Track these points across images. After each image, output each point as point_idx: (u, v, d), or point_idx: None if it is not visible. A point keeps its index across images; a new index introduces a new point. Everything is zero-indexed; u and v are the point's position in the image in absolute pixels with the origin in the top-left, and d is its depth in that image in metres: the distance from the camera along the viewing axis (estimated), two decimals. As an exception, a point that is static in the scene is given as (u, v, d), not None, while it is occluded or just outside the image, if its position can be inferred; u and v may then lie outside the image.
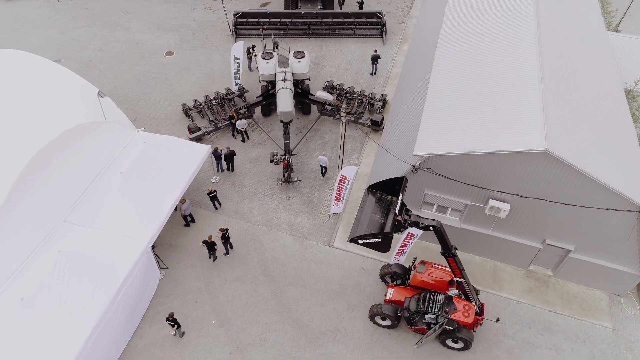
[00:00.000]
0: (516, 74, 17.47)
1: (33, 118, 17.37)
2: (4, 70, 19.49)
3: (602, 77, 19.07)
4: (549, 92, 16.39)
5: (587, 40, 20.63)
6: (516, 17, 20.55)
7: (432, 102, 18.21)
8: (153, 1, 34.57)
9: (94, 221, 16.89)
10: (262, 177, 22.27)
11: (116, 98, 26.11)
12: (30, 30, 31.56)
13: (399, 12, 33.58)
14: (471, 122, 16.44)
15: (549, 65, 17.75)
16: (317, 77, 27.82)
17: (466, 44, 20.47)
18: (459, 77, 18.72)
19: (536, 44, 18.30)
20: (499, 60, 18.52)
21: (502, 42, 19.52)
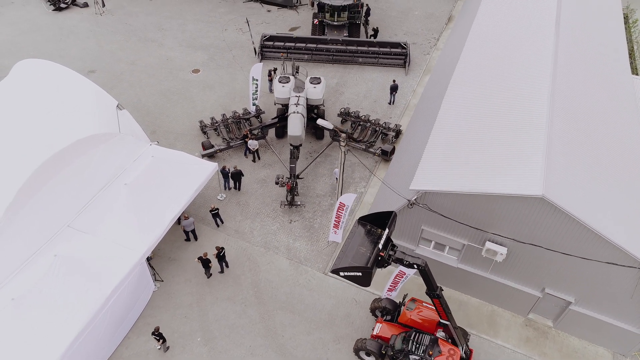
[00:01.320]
0: (525, 113, 17.09)
1: (49, 126, 18.29)
2: (29, 79, 20.71)
3: (620, 121, 18.36)
4: (556, 134, 15.91)
5: (607, 79, 19.99)
6: (534, 50, 20.23)
7: (437, 137, 18.04)
8: (188, 20, 36.03)
9: (95, 229, 17.49)
10: (267, 198, 22.48)
11: (139, 110, 27.28)
12: (72, 41, 33.44)
13: (425, 44, 33.62)
14: (472, 161, 16.16)
15: (561, 104, 17.28)
16: (335, 103, 28.09)
17: (478, 79, 20.27)
18: (467, 113, 18.49)
19: (550, 82, 17.87)
20: (510, 97, 18.21)
21: (515, 78, 19.22)
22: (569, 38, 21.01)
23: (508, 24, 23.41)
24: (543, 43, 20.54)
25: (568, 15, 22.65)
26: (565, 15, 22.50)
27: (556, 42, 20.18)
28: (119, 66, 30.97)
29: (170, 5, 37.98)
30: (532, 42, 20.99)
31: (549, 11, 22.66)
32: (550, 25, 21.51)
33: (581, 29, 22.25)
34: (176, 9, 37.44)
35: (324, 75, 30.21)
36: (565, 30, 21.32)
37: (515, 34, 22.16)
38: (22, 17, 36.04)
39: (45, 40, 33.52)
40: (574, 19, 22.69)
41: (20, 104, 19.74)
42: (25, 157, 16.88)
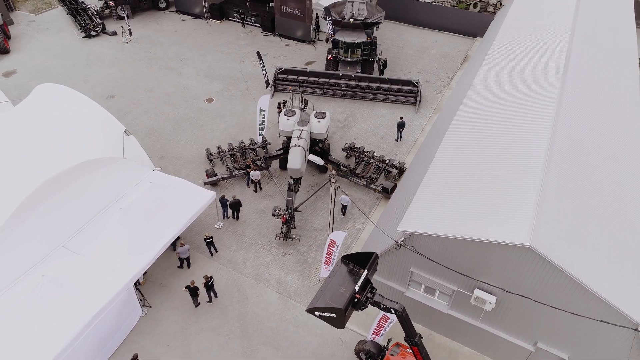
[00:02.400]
0: (521, 158, 16.75)
1: (55, 147, 18.98)
2: (44, 102, 21.66)
3: (624, 167, 17.73)
4: (551, 181, 15.47)
5: (616, 119, 19.45)
6: (538, 94, 20.02)
7: (431, 177, 17.83)
8: (209, 51, 37.31)
9: (87, 251, 17.78)
10: (264, 229, 22.48)
11: (151, 136, 28.07)
12: (97, 67, 35.00)
13: (438, 82, 33.70)
14: (462, 204, 15.84)
15: (561, 148, 16.87)
16: (342, 138, 28.24)
17: (478, 121, 20.10)
18: (463, 155, 18.27)
19: (551, 126, 17.53)
20: (508, 141, 17.92)
21: (516, 121, 18.97)
22: (576, 82, 20.71)
23: (515, 66, 23.34)
24: (549, 86, 20.32)
25: (578, 55, 22.44)
26: (575, 55, 22.29)
27: (562, 86, 19.93)
28: (137, 92, 32.12)
29: (194, 36, 39.52)
30: (538, 85, 20.78)
31: (559, 53, 22.52)
32: (558, 67, 21.33)
33: (591, 70, 21.94)
34: (199, 40, 38.91)
35: (335, 109, 30.66)
36: (574, 73, 21.06)
37: (521, 77, 22.03)
38: (55, 43, 38.09)
39: (73, 65, 35.21)
40: (584, 60, 22.44)
41: (32, 124, 20.64)
42: (27, 176, 17.49)
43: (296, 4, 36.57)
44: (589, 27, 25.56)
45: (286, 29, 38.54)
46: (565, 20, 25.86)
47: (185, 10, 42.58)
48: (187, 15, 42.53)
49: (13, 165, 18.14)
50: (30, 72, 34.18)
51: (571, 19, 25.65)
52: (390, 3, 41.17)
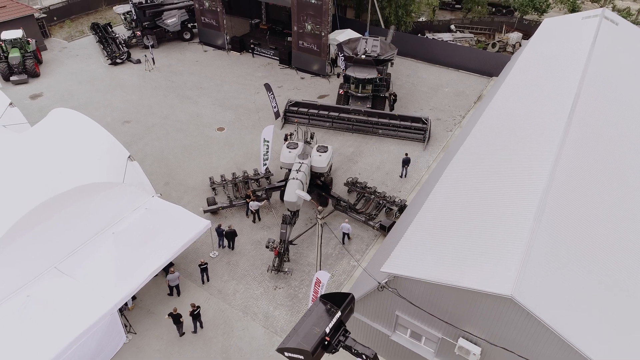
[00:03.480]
0: (514, 203, 16.25)
1: (58, 170, 19.58)
2: (56, 125, 22.54)
3: (630, 215, 16.90)
4: (546, 227, 14.85)
5: (621, 169, 18.69)
6: (541, 138, 19.52)
7: (422, 218, 17.48)
8: (226, 81, 38.35)
9: (77, 273, 18.01)
10: (258, 261, 22.34)
11: (159, 162, 28.69)
12: (118, 93, 36.38)
13: (450, 121, 33.50)
14: (450, 248, 15.38)
15: (559, 194, 16.26)
16: (347, 172, 28.17)
17: (476, 163, 19.75)
18: (457, 197, 17.90)
19: (550, 172, 16.98)
20: (504, 184, 17.46)
21: (515, 165, 18.52)
22: (582, 126, 20.15)
23: (521, 108, 23.05)
24: (553, 130, 19.87)
25: (586, 99, 21.94)
26: (584, 99, 21.81)
27: (566, 130, 19.45)
28: (152, 119, 33.09)
29: (214, 66, 40.79)
30: (542, 128, 20.37)
31: (567, 96, 22.10)
32: (564, 110, 20.89)
33: (599, 115, 21.36)
34: (218, 70, 40.11)
35: (342, 143, 30.77)
36: (580, 117, 20.55)
37: (525, 119, 21.68)
38: (82, 69, 39.94)
39: (96, 91, 36.71)
40: (593, 104, 21.91)
41: (41, 146, 21.46)
42: (26, 196, 18.03)
43: (313, 39, 37.43)
44: (601, 71, 25.09)
45: (302, 63, 39.35)
46: (577, 63, 25.53)
47: (207, 42, 44.15)
48: (210, 46, 44.05)
49: (15, 184, 18.77)
50: (55, 95, 35.80)
51: (584, 62, 25.29)
52: (408, 41, 41.71)
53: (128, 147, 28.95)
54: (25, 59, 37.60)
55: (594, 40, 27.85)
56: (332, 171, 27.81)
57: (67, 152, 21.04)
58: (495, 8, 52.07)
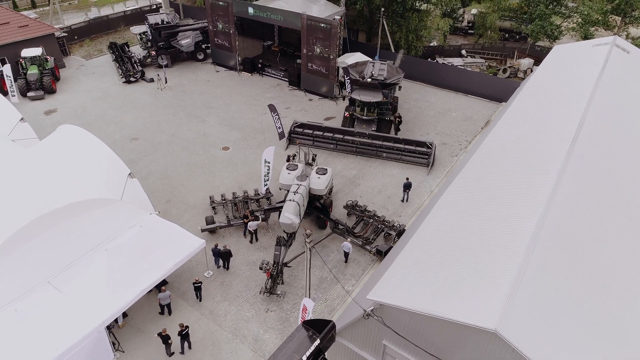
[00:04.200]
0: (509, 231, 15.86)
1: (57, 185, 19.95)
2: (60, 141, 23.09)
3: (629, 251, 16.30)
4: (538, 259, 14.39)
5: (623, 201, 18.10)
6: (541, 165, 19.14)
7: (414, 244, 17.18)
8: (235, 101, 38.90)
9: (69, 288, 18.10)
10: (252, 282, 22.18)
11: (163, 179, 29.01)
12: (129, 110, 37.16)
13: (455, 145, 33.21)
14: (438, 277, 15.02)
15: (555, 225, 15.79)
16: (347, 195, 28.02)
17: (474, 189, 19.43)
18: (450, 223, 17.57)
19: (547, 198, 16.57)
20: (499, 212, 17.09)
21: (512, 190, 18.15)
22: (584, 156, 19.70)
23: (522, 135, 22.72)
24: (553, 157, 19.47)
25: (591, 128, 21.49)
26: (588, 128, 21.36)
27: (567, 158, 19.03)
28: (160, 137, 33.63)
29: (224, 87, 41.47)
30: (542, 156, 20.00)
31: (571, 124, 21.69)
32: (567, 139, 20.49)
33: (603, 145, 20.87)
34: (228, 90, 40.76)
35: (345, 165, 30.71)
36: (582, 147, 20.10)
37: (526, 147, 21.34)
38: (97, 86, 41.03)
39: (109, 107, 37.58)
40: (597, 134, 21.44)
41: (44, 161, 21.94)
42: (23, 210, 18.36)
43: (321, 61, 37.83)
44: (609, 99, 24.64)
45: (311, 85, 39.72)
46: (584, 90, 25.15)
47: (220, 63, 45.01)
48: (222, 67, 44.88)
49: (14, 197, 19.15)
50: (69, 112, 36.75)
51: (591, 89, 24.91)
52: (417, 65, 41.85)
53: (134, 164, 29.67)
54: (42, 76, 38.82)
55: (603, 68, 27.47)
56: (332, 194, 27.72)
57: (68, 168, 21.46)
58: (508, 34, 52.06)
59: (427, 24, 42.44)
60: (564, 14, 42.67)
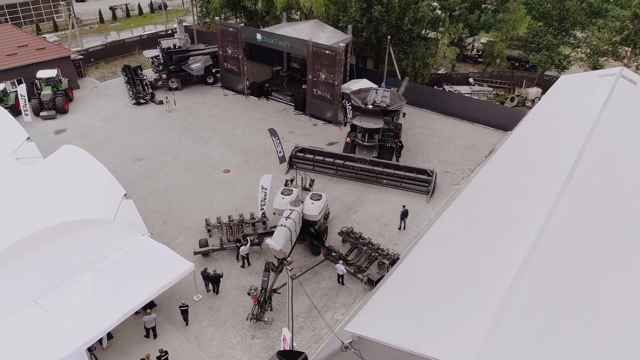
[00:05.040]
0: (495, 266, 15.42)
1: (51, 204, 20.23)
2: (60, 161, 23.57)
3: (621, 290, 15.64)
4: (522, 296, 13.90)
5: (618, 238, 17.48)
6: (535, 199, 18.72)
7: (399, 275, 16.82)
8: (240, 124, 39.34)
9: (53, 308, 18.11)
10: (241, 307, 21.91)
11: (162, 200, 29.22)
12: (136, 131, 37.84)
13: (458, 174, 32.84)
14: (418, 311, 14.62)
15: (543, 261, 15.30)
16: (344, 221, 27.78)
17: (463, 220, 19.08)
18: (436, 256, 17.19)
19: (537, 233, 16.12)
20: (486, 245, 16.68)
21: (503, 223, 17.76)
22: (579, 191, 19.23)
23: (522, 164, 22.40)
24: (547, 191, 19.05)
25: (588, 164, 21.01)
26: (585, 163, 20.89)
27: (561, 192, 18.58)
28: (163, 158, 34.06)
29: (231, 110, 42.05)
30: (536, 189, 19.59)
31: (568, 157, 21.28)
32: (563, 172, 20.06)
33: (600, 180, 20.36)
34: (234, 114, 41.30)
35: (344, 191, 30.56)
36: (578, 181, 19.64)
37: (522, 178, 20.96)
38: (108, 107, 42.02)
39: (117, 128, 38.35)
40: (594, 169, 20.94)
41: (42, 180, 22.38)
42: (14, 228, 18.61)
43: (326, 87, 38.18)
44: (611, 130, 24.17)
45: (316, 110, 40.02)
46: (586, 121, 24.73)
47: (229, 87, 45.78)
48: (230, 90, 45.61)
49: (6, 215, 19.45)
50: (78, 131, 37.60)
51: (593, 120, 24.48)
52: (423, 92, 41.91)
53: (135, 184, 30.04)
54: (56, 96, 39.98)
55: (608, 99, 27.05)
56: (329, 220, 27.52)
57: (64, 187, 21.81)
58: (518, 63, 51.92)
59: (433, 51, 42.60)
60: (573, 44, 42.44)
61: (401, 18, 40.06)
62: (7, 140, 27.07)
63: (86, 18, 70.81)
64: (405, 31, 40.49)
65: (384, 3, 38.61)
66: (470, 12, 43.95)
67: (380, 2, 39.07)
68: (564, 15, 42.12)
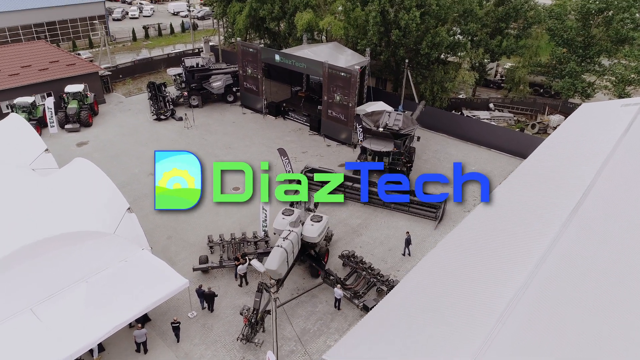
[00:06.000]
0: (482, 300, 14.81)
1: (52, 214, 20.80)
2: (70, 174, 24.31)
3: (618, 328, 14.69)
4: (506, 334, 13.28)
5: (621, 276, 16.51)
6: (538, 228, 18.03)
7: (387, 302, 16.35)
8: (255, 143, 39.76)
9: (47, 318, 18.43)
10: (233, 327, 21.72)
11: (169, 215, 29.53)
12: (154, 146, 38.57)
13: (470, 200, 32.03)
14: (401, 339, 14.13)
15: (535, 298, 14.62)
16: (348, 244, 27.41)
17: (462, 246, 18.49)
18: (428, 284, 16.65)
19: (529, 274, 15.43)
20: (478, 277, 16.07)
21: (499, 256, 17.09)
22: (585, 223, 18.40)
23: (528, 194, 21.68)
24: (550, 226, 18.28)
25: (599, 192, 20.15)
26: (594, 197, 20.03)
27: (564, 226, 17.82)
28: (176, 173, 34.64)
29: (247, 129, 42.62)
30: (539, 222, 18.85)
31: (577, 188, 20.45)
32: (570, 203, 19.26)
33: (608, 216, 19.41)
34: (250, 132, 41.83)
35: (350, 213, 30.26)
36: (585, 215, 18.81)
37: (526, 208, 20.25)
38: (129, 122, 43.33)
39: (135, 143, 39.41)
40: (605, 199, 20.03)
41: (50, 191, 23.09)
42: (15, 237, 19.17)
43: (341, 109, 38.26)
44: (626, 164, 23.13)
45: (330, 131, 40.08)
46: (601, 152, 23.80)
47: (248, 105, 46.51)
48: (249, 109, 46.31)
49: (11, 223, 20.08)
50: (98, 144, 38.84)
51: (608, 152, 23.54)
52: (439, 116, 41.46)
53: (145, 198, 30.63)
54: (81, 110, 41.56)
55: (627, 129, 26.02)
56: (332, 242, 27.22)
57: (70, 199, 22.44)
58: (542, 89, 50.83)
59: (452, 76, 42.20)
60: (598, 71, 41.27)
61: (419, 42, 40.00)
62: (26, 150, 28.14)
63: (120, 36, 73.92)
64: (423, 55, 40.36)
65: (402, 27, 38.67)
66: (491, 38, 43.47)
67: (397, 27, 39.17)
68: (589, 42, 41.14)
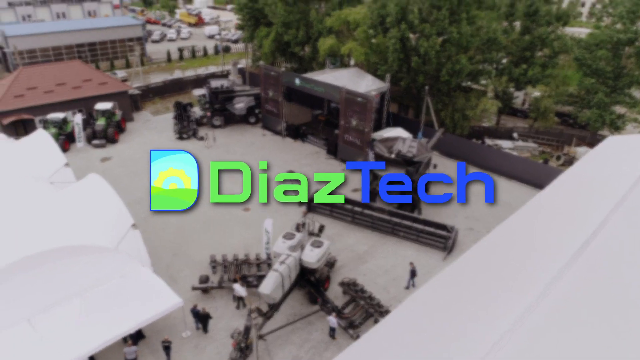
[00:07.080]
0: (474, 336, 14.06)
1: (58, 226, 21.43)
2: (80, 189, 25.10)
3: None
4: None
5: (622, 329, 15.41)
6: (540, 267, 17.05)
7: (373, 334, 15.78)
8: (271, 164, 39.98)
9: (41, 330, 18.83)
10: (225, 349, 21.48)
11: (178, 232, 30.07)
12: (173, 164, 39.69)
13: (483, 232, 30.97)
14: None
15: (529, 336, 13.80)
16: (351, 271, 26.93)
17: (460, 282, 17.71)
18: (416, 319, 15.98)
19: (521, 314, 14.63)
20: (469, 317, 15.30)
21: (495, 295, 16.26)
22: (590, 267, 17.37)
23: (533, 229, 20.70)
24: (551, 267, 17.35)
25: (610, 234, 19.01)
26: (606, 234, 18.92)
27: (566, 269, 16.83)
28: (190, 191, 35.27)
29: (266, 149, 43.15)
30: (541, 261, 17.92)
31: (586, 228, 19.40)
32: (574, 246, 18.26)
33: (617, 260, 18.27)
34: (268, 153, 42.30)
35: (358, 239, 29.84)
36: (591, 258, 17.77)
37: (531, 244, 19.33)
38: (153, 140, 44.67)
39: (156, 160, 40.44)
40: (615, 243, 18.88)
41: (58, 204, 23.86)
42: (18, 248, 19.82)
43: (357, 133, 38.21)
44: None
45: (347, 155, 39.99)
46: (618, 190, 22.61)
47: (268, 127, 47.21)
48: (270, 131, 46.96)
49: (17, 234, 20.82)
50: (121, 161, 40.15)
51: (625, 190, 22.33)
52: (458, 144, 40.72)
53: (155, 215, 31.22)
54: (108, 127, 43.23)
55: (651, 165, 24.69)
56: (335, 268, 26.82)
57: (77, 213, 23.09)
58: (572, 120, 49.19)
59: (474, 104, 41.53)
60: (629, 103, 39.64)
61: (439, 69, 39.70)
62: (46, 164, 29.34)
63: (157, 57, 77.08)
64: (443, 82, 39.99)
65: (421, 54, 38.55)
66: (515, 66, 42.65)
67: (417, 54, 39.08)
68: (620, 73, 39.71)
